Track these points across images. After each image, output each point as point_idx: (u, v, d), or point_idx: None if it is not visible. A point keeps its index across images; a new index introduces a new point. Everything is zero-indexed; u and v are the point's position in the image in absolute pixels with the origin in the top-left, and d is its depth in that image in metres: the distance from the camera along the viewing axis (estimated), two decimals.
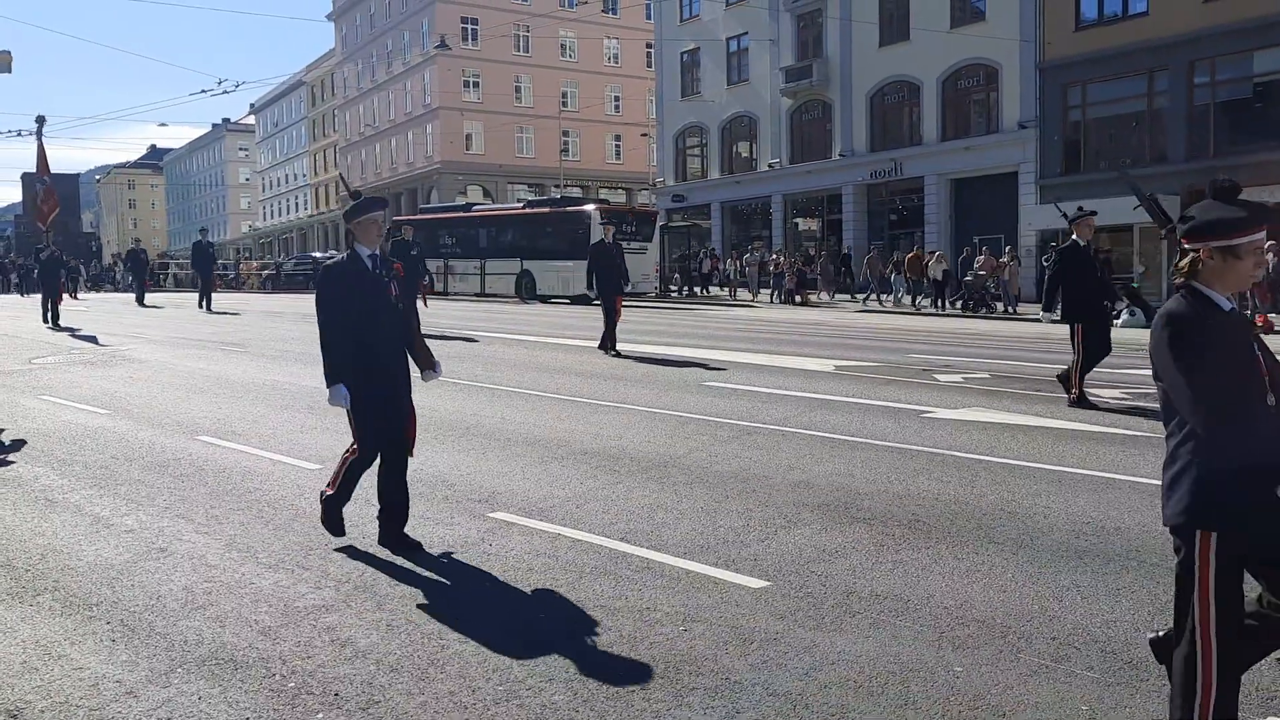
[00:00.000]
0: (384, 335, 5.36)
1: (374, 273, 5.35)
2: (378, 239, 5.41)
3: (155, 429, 9.02)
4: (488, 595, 4.71)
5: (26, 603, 4.68)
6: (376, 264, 5.38)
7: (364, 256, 5.36)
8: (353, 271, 5.31)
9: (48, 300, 21.71)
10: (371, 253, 5.38)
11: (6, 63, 27.49)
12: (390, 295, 5.37)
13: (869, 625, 4.31)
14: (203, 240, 29.14)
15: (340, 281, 5.30)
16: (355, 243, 5.38)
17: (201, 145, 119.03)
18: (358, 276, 5.30)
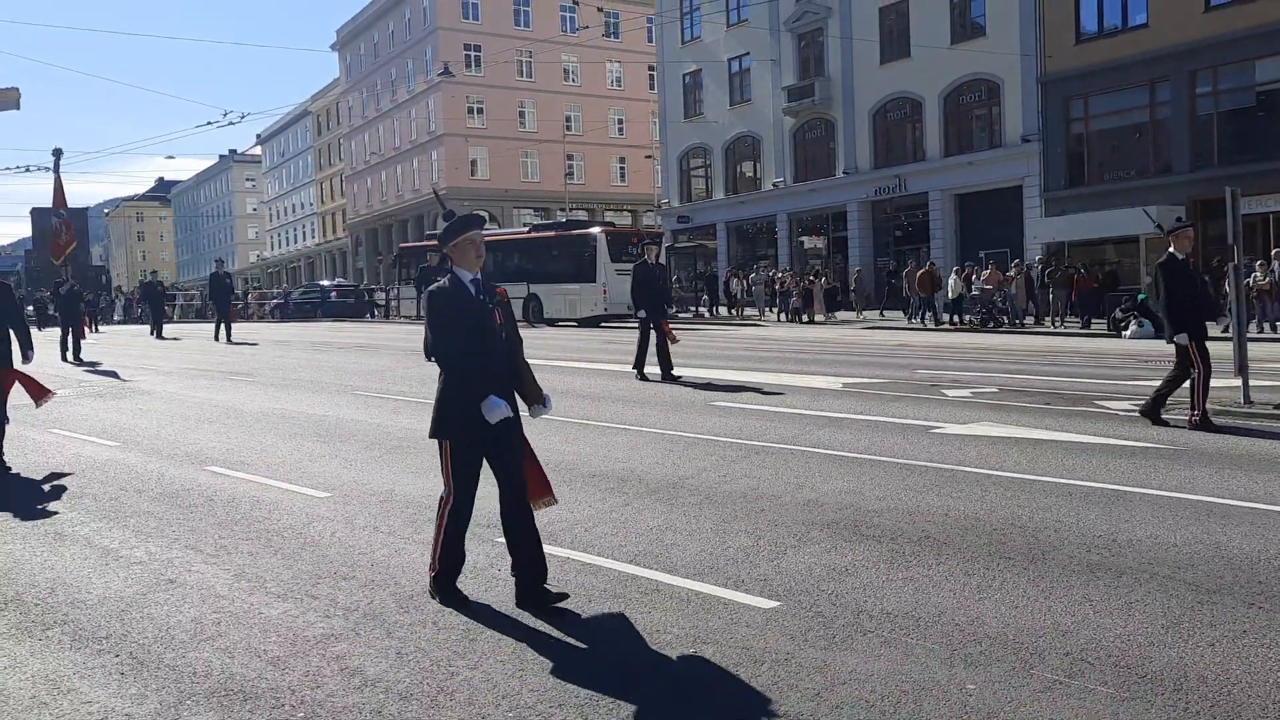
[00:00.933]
0: (490, 366, 4.89)
1: (478, 298, 4.89)
2: (478, 261, 4.98)
3: (164, 460, 9.03)
4: (497, 621, 4.69)
5: (36, 637, 4.67)
6: (480, 289, 4.93)
7: (465, 281, 4.91)
8: (456, 296, 4.87)
9: (67, 335, 21.29)
10: (473, 276, 4.93)
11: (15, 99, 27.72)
12: (496, 322, 4.93)
13: (880, 644, 4.29)
14: (219, 271, 29.02)
15: (454, 305, 4.84)
16: (454, 266, 4.95)
17: (209, 177, 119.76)
18: (461, 301, 4.86)
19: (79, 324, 21.96)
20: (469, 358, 4.79)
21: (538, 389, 5.11)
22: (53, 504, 7.41)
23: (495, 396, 4.76)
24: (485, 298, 4.92)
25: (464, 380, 4.80)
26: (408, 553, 5.82)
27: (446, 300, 4.85)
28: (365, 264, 73.94)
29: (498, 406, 4.75)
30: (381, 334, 30.81)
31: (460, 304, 4.83)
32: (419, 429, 10.31)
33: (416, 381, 14.95)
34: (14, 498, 7.65)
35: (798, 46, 40.89)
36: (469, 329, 4.81)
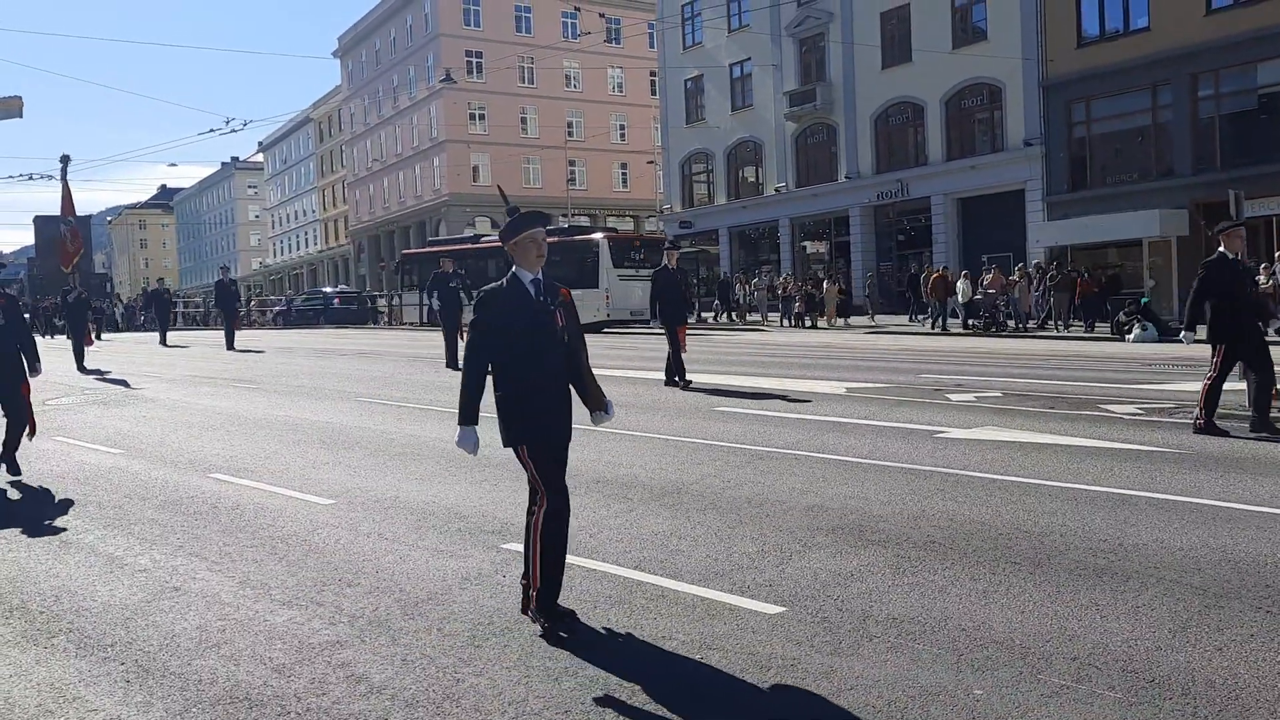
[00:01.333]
0: (549, 372, 4.64)
1: (538, 300, 4.63)
2: (539, 261, 4.70)
3: (168, 467, 9.03)
4: (502, 627, 4.68)
5: (41, 644, 4.67)
6: (540, 290, 4.66)
7: (525, 281, 4.64)
8: (513, 298, 4.61)
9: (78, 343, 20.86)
10: (534, 277, 4.66)
11: (18, 107, 27.78)
12: (557, 326, 4.66)
13: (887, 649, 4.28)
14: (225, 278, 28.71)
15: (494, 307, 4.59)
16: (516, 266, 4.68)
17: (211, 184, 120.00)
18: (519, 304, 4.59)
19: (85, 333, 21.66)
20: (519, 361, 4.57)
21: (600, 395, 4.87)
22: (57, 512, 7.41)
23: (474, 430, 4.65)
24: (546, 299, 4.67)
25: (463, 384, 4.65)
26: (412, 559, 5.82)
27: (490, 302, 4.62)
28: (368, 270, 74.01)
29: (467, 440, 4.65)
30: (384, 341, 30.84)
31: (510, 307, 4.58)
32: (423, 435, 10.32)
33: (420, 388, 14.95)
34: (18, 505, 7.66)
35: (799, 51, 40.95)
36: (519, 332, 4.55)
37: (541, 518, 4.58)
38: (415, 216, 65.86)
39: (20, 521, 7.19)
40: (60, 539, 6.62)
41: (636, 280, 33.76)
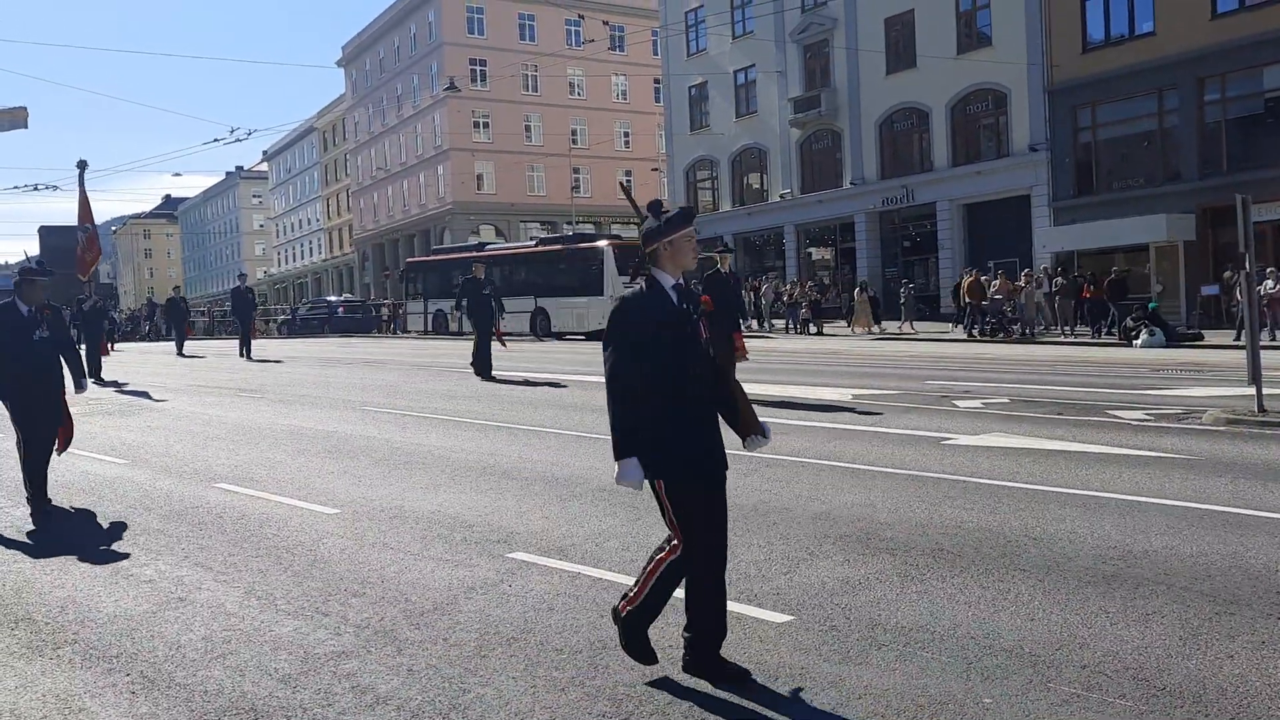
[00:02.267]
0: (698, 391, 4.05)
1: (682, 308, 4.05)
2: (694, 260, 4.15)
3: (173, 477, 9.03)
4: (509, 636, 4.66)
5: (47, 655, 4.66)
6: (682, 295, 4.08)
7: (668, 287, 4.06)
8: (657, 305, 4.04)
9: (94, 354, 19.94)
10: (676, 281, 4.10)
11: (23, 118, 27.85)
12: (702, 338, 4.09)
13: (895, 658, 4.25)
14: (241, 286, 28.50)
15: (640, 315, 4.00)
16: (653, 268, 4.10)
17: (216, 193, 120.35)
18: (664, 312, 4.03)
19: (100, 343, 21.05)
20: (663, 380, 3.96)
21: (754, 417, 4.24)
22: (62, 522, 7.40)
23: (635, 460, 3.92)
24: (690, 307, 4.09)
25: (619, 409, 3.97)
26: (418, 569, 5.80)
27: (635, 310, 4.03)
28: (372, 279, 74.12)
29: (631, 473, 3.93)
30: (389, 349, 30.86)
31: (656, 315, 3.99)
32: (427, 444, 10.31)
33: (424, 396, 14.94)
34: (24, 517, 7.65)
35: (804, 58, 40.97)
36: (665, 345, 3.97)
37: (667, 560, 4.06)
38: (419, 225, 65.95)
39: (24, 532, 7.19)
40: (65, 550, 6.61)
41: None
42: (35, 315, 7.85)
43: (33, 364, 7.75)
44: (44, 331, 7.89)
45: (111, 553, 6.47)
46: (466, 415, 12.56)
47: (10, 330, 7.75)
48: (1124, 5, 30.23)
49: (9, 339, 7.72)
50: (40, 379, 7.82)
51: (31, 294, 7.86)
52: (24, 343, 7.75)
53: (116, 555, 6.40)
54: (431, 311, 41.39)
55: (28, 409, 7.79)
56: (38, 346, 7.82)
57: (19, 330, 7.76)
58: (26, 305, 7.84)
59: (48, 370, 7.93)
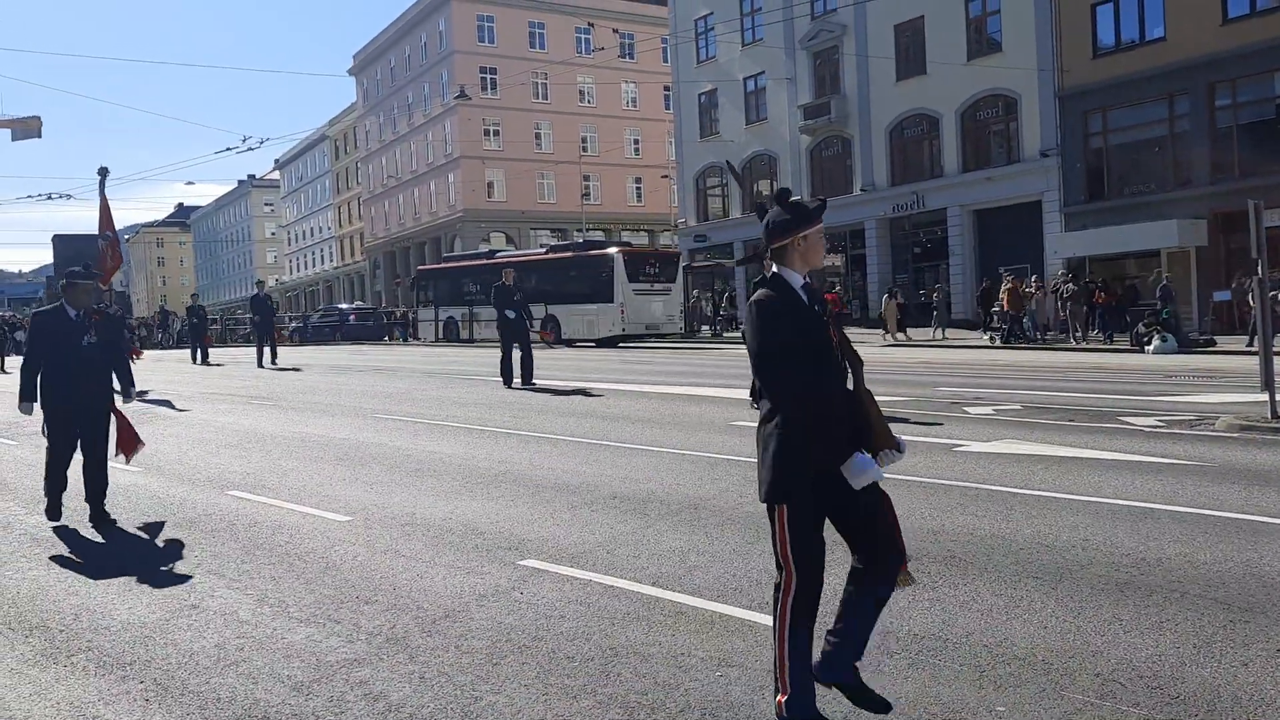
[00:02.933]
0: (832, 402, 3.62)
1: (813, 310, 3.63)
2: (819, 260, 3.76)
3: (186, 485, 9.06)
4: (520, 644, 4.67)
5: (61, 663, 4.68)
6: (811, 297, 3.67)
7: (797, 286, 3.63)
8: (790, 309, 3.57)
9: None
10: (805, 281, 3.68)
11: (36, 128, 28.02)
12: (834, 341, 3.68)
13: (907, 665, 4.24)
14: (262, 293, 28.25)
15: (785, 319, 3.55)
16: (780, 267, 3.67)
17: (228, 202, 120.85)
18: (796, 316, 3.57)
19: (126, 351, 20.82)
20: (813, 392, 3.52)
21: (888, 430, 3.74)
22: (75, 530, 7.43)
23: (861, 454, 3.53)
24: (820, 309, 3.69)
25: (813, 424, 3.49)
26: (430, 577, 5.81)
27: (784, 317, 3.56)
28: (383, 287, 74.32)
29: (866, 467, 3.51)
30: (400, 356, 30.92)
31: (795, 320, 3.56)
32: (439, 452, 10.33)
33: (435, 404, 14.97)
34: (37, 524, 7.69)
35: (813, 65, 40.98)
36: (803, 349, 3.55)
37: (789, 603, 3.61)
38: (430, 233, 66.11)
39: (40, 540, 7.22)
40: (79, 557, 6.64)
41: (651, 295, 33.82)
42: (83, 320, 7.57)
43: (80, 370, 7.48)
44: (93, 336, 7.56)
45: (124, 560, 6.50)
46: (477, 422, 12.57)
47: (58, 335, 7.51)
48: (1134, 10, 30.18)
49: (56, 344, 7.48)
50: (86, 385, 7.53)
51: (77, 297, 7.57)
52: (71, 348, 7.47)
53: (129, 563, 6.42)
54: (442, 319, 41.49)
55: (69, 416, 7.51)
56: (86, 352, 7.52)
57: (66, 335, 7.49)
58: (74, 309, 7.57)
59: (95, 377, 7.63)
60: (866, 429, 3.67)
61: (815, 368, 3.54)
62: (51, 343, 7.50)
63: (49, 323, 7.63)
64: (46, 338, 7.55)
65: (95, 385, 7.60)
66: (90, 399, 7.57)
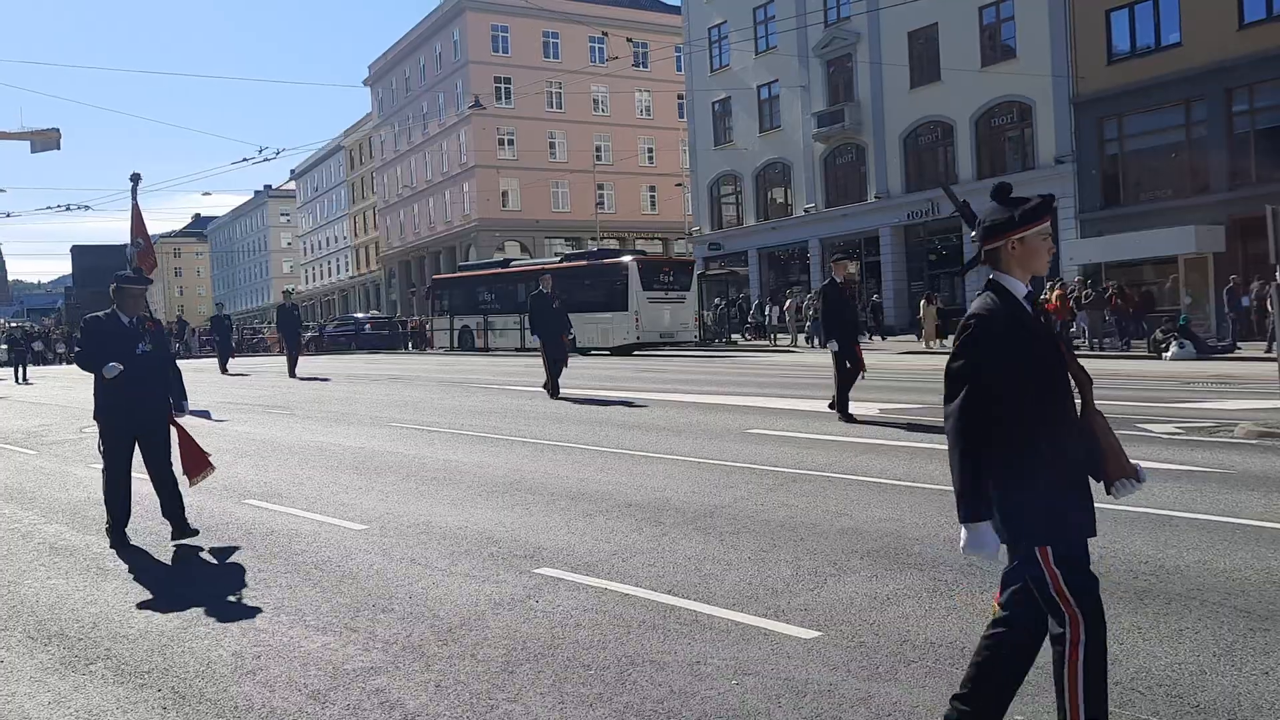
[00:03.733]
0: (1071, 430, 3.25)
1: (1037, 321, 3.23)
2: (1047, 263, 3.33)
3: (202, 493, 9.08)
4: (536, 652, 4.67)
5: (79, 671, 4.70)
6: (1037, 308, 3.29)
7: (1020, 296, 3.24)
8: (1013, 320, 3.18)
9: None
10: (1028, 290, 3.27)
11: (55, 140, 28.26)
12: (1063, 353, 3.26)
13: (925, 674, 4.22)
14: (288, 302, 28.08)
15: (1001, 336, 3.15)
16: (997, 273, 3.28)
17: (244, 212, 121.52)
18: (1023, 329, 3.18)
19: None
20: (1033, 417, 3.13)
21: (1123, 456, 3.35)
22: (94, 539, 7.47)
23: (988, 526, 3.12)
24: (1045, 319, 3.32)
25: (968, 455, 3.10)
26: (445, 585, 5.81)
27: (999, 328, 3.16)
28: (399, 296, 74.57)
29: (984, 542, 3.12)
30: (415, 365, 31.00)
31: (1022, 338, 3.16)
32: (454, 460, 10.35)
33: (450, 413, 15.00)
34: (56, 534, 7.73)
35: (827, 72, 40.99)
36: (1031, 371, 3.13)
37: (1082, 654, 3.19)
38: (445, 242, 66.31)
39: (58, 549, 7.25)
40: (98, 566, 6.67)
41: (665, 303, 33.84)
42: (137, 327, 7.14)
43: (136, 380, 7.03)
44: (147, 345, 7.15)
45: (142, 569, 6.53)
46: (492, 431, 12.59)
47: (112, 342, 7.02)
48: (1150, 16, 30.08)
49: (111, 352, 6.98)
50: (143, 397, 7.13)
51: (129, 303, 7.12)
52: (126, 356, 7.00)
53: (147, 572, 6.45)
54: (457, 328, 41.61)
55: (127, 432, 7.15)
56: (141, 362, 7.08)
57: (121, 342, 7.03)
58: (126, 316, 7.13)
59: (152, 387, 7.21)
60: (1099, 455, 3.31)
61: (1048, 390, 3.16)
62: (108, 350, 7.01)
63: (103, 327, 7.13)
64: (100, 343, 7.05)
65: (152, 396, 7.23)
66: (148, 411, 7.20)
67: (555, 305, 17.25)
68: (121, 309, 7.14)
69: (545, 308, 17.16)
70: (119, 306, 7.14)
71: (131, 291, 7.18)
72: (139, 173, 13.18)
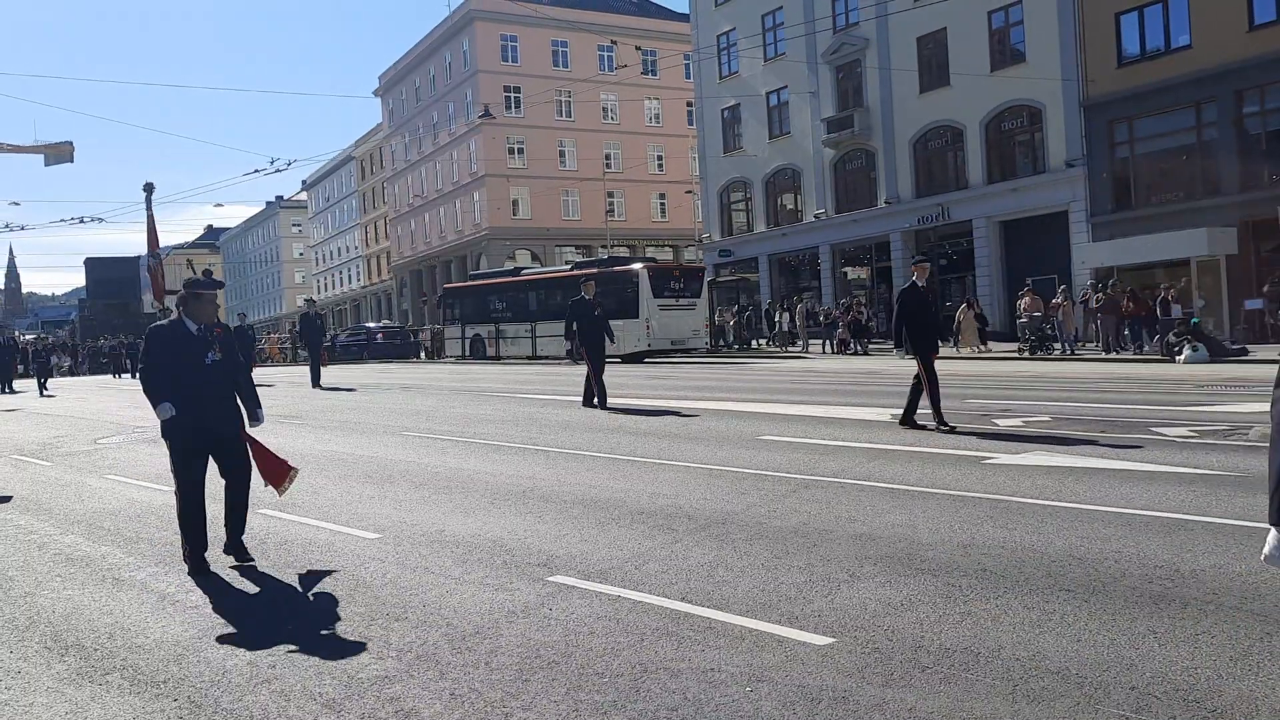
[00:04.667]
0: None
1: None
2: None
3: (218, 504, 9.09)
4: (550, 660, 4.67)
5: (96, 681, 4.72)
6: None
7: None
8: None
9: None
10: None
11: (69, 153, 28.46)
12: None
13: (939, 680, 4.21)
14: (311, 311, 27.73)
15: None
16: None
17: (256, 223, 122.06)
18: None
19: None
20: None
21: None
22: (110, 549, 7.50)
23: None
24: None
25: None
26: (459, 593, 5.82)
27: None
28: (410, 305, 74.77)
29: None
30: (427, 375, 31.06)
31: None
32: (467, 468, 10.36)
33: (462, 422, 15.02)
34: (71, 545, 7.76)
35: (836, 78, 40.99)
36: None
37: None
38: (456, 251, 66.48)
39: (74, 560, 7.29)
40: (113, 576, 6.70)
41: (676, 309, 33.87)
42: (206, 335, 6.67)
43: (206, 392, 6.60)
44: (217, 354, 6.67)
45: (157, 579, 6.55)
46: (504, 439, 12.61)
47: (178, 353, 6.57)
48: (1159, 19, 30.02)
49: (177, 364, 6.55)
50: (215, 410, 6.68)
51: (199, 310, 6.65)
52: (194, 367, 6.57)
53: (162, 581, 6.47)
54: (469, 337, 41.69)
55: (200, 448, 6.69)
56: (211, 372, 6.65)
57: (188, 353, 6.58)
58: (195, 323, 6.66)
59: (223, 399, 6.76)
60: None
61: None
62: (174, 362, 6.57)
63: (168, 338, 6.65)
64: (166, 355, 6.59)
65: (224, 409, 6.76)
66: (221, 424, 6.74)
67: (597, 313, 16.65)
68: (190, 316, 6.65)
69: (586, 314, 16.55)
70: (187, 313, 6.64)
71: (205, 297, 6.71)
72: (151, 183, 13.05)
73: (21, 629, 5.61)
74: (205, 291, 6.72)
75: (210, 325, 6.73)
